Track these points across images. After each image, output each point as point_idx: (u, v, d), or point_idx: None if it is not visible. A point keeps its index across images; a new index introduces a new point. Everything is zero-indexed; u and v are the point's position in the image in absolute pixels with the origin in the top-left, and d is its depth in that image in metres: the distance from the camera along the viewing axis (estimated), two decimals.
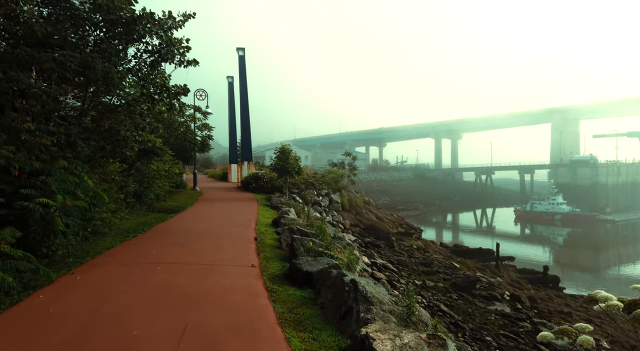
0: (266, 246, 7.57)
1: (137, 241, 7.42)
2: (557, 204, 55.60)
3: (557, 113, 77.08)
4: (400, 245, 19.78)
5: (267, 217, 11.73)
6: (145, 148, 9.74)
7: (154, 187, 13.46)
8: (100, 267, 5.37)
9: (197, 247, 6.98)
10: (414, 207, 67.20)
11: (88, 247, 6.52)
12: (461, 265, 17.91)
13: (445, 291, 12.02)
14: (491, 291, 12.59)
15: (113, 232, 8.15)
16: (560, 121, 75.54)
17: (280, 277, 5.39)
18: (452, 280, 13.43)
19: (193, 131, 19.39)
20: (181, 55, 7.62)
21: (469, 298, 11.51)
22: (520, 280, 18.13)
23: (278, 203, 15.08)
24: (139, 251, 6.49)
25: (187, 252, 6.51)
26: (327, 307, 4.09)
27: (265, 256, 6.63)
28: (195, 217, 11.39)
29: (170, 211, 12.84)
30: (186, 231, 8.62)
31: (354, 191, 25.51)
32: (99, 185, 6.11)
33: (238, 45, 30.03)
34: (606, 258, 37.91)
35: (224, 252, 6.63)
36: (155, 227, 9.18)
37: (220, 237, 8.07)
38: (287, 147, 17.67)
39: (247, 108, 23.80)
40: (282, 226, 9.74)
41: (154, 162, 12.96)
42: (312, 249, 6.04)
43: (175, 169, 18.45)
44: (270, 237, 8.62)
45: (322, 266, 5.13)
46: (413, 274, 13.67)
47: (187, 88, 7.44)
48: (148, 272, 5.18)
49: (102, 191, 6.24)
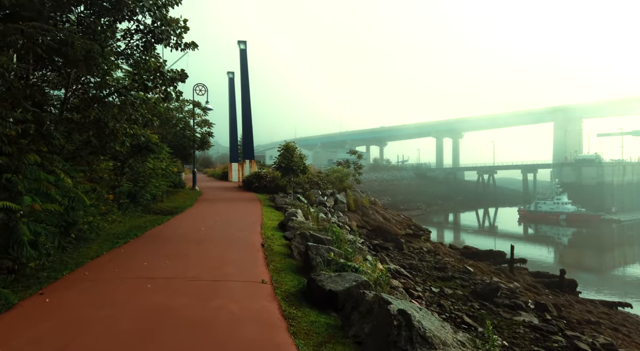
0: (275, 254, 6.63)
1: (127, 249, 6.47)
2: (562, 204, 54.74)
3: (560, 111, 76.21)
4: (409, 248, 18.86)
5: (273, 220, 10.79)
6: (139, 144, 8.78)
7: (150, 187, 12.50)
8: (77, 285, 4.41)
9: (197, 256, 6.03)
10: (416, 206, 66.35)
11: (68, 258, 5.56)
12: (475, 268, 17.00)
13: (465, 299, 11.10)
14: (514, 299, 11.67)
15: (101, 238, 7.20)
16: (563, 120, 74.67)
17: (296, 296, 4.45)
18: (470, 286, 12.53)
19: (192, 127, 18.43)
20: (178, 36, 6.66)
21: (492, 308, 10.59)
22: (536, 285, 17.23)
23: (283, 204, 14.16)
24: (127, 262, 5.54)
25: (184, 263, 5.56)
26: (367, 344, 3.14)
27: (276, 267, 5.69)
28: (195, 219, 10.44)
29: (167, 212, 11.89)
30: (184, 236, 7.67)
31: (359, 191, 24.58)
32: (81, 184, 5.17)
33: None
34: (612, 259, 37.23)
35: (228, 262, 5.68)
36: (149, 231, 8.23)
37: (223, 243, 7.12)
38: (292, 144, 16.71)
39: (248, 103, 22.82)
40: (291, 230, 8.81)
41: (150, 159, 12.01)
42: (333, 260, 5.09)
43: (174, 167, 17.49)
44: (279, 243, 7.68)
45: (349, 284, 4.19)
46: (428, 280, 12.75)
47: (184, 73, 6.48)
48: (136, 292, 4.23)
49: (84, 192, 5.28)
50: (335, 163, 24.11)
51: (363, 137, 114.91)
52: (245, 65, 23.37)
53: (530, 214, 56.07)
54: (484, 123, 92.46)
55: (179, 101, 18.78)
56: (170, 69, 6.47)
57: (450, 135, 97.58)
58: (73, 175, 6.38)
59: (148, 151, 9.23)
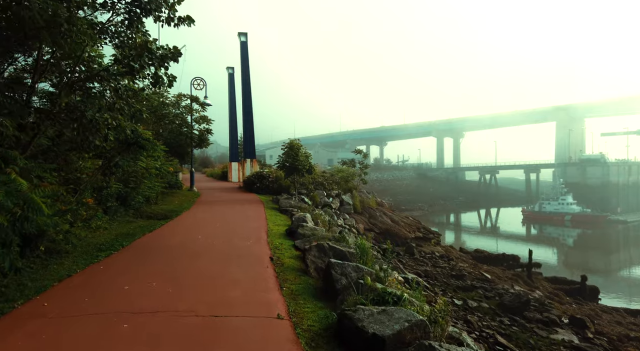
0: (287, 270, 5.50)
1: (107, 265, 5.32)
2: (567, 204, 53.77)
3: (562, 111, 75.21)
4: (420, 252, 17.76)
5: (279, 225, 9.66)
6: (127, 140, 7.61)
7: (143, 188, 11.35)
8: (23, 326, 3.24)
9: (192, 276, 4.88)
10: (418, 207, 65.46)
11: (29, 279, 4.41)
12: (491, 274, 15.93)
13: (493, 313, 9.99)
14: (545, 312, 10.57)
15: (79, 250, 6.05)
16: (565, 119, 73.69)
17: (324, 337, 3.32)
18: (495, 297, 11.42)
19: (190, 124, 17.24)
20: (170, 7, 5.50)
21: (524, 324, 9.49)
22: (558, 293, 16.15)
23: (288, 206, 13.02)
24: (103, 285, 4.39)
25: (176, 286, 4.41)
26: None
27: (291, 290, 4.56)
28: (191, 225, 9.29)
29: (161, 217, 10.74)
30: (177, 247, 6.52)
31: (365, 191, 23.44)
32: (40, 187, 4.02)
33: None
34: (618, 260, 36.45)
35: (230, 285, 4.54)
36: (138, 241, 7.07)
37: (224, 256, 5.98)
38: (297, 141, 15.56)
39: (249, 98, 21.57)
40: (301, 238, 7.69)
41: (142, 158, 10.85)
42: (367, 286, 3.96)
43: (170, 167, 16.31)
44: (289, 254, 6.55)
45: (399, 325, 3.05)
46: (448, 290, 11.64)
47: (178, 50, 5.32)
48: (105, 338, 3.08)
49: (46, 196, 4.11)
50: (340, 163, 22.94)
51: (363, 137, 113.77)
52: (246, 58, 22.14)
53: (535, 215, 55.11)
54: (485, 123, 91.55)
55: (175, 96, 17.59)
56: (161, 45, 5.32)
57: (451, 134, 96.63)
58: (42, 176, 5.23)
59: (138, 148, 8.06)
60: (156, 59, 5.11)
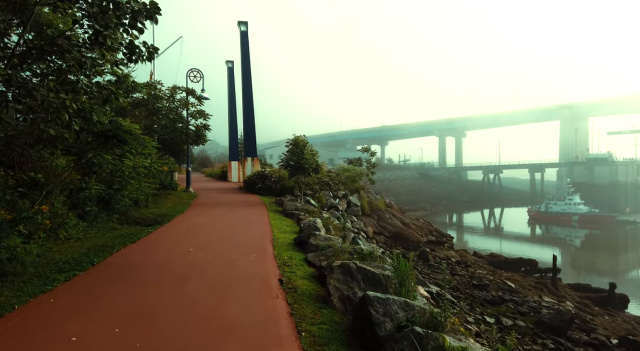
0: (303, 299, 4.15)
1: (59, 297, 3.95)
2: (574, 204, 52.48)
3: (566, 109, 73.92)
4: (434, 258, 16.41)
5: (285, 231, 8.31)
6: (103, 132, 6.25)
7: (129, 190, 9.97)
8: None
9: (174, 314, 3.52)
10: (421, 207, 64.12)
11: None
12: (514, 283, 14.60)
13: (532, 334, 8.67)
14: (590, 332, 9.25)
15: (32, 271, 4.69)
16: (569, 118, 72.38)
17: None
18: (529, 313, 10.08)
19: (185, 119, 15.87)
20: None
21: (571, 347, 8.16)
22: (587, 302, 14.82)
23: (293, 209, 11.69)
24: (43, 333, 3.03)
25: (149, 334, 3.06)
26: None
27: (313, 336, 3.22)
28: (183, 232, 7.93)
29: (150, 222, 9.40)
30: (161, 266, 5.16)
31: (373, 192, 22.08)
32: None
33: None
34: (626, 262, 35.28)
35: (227, 330, 3.19)
36: (113, 256, 5.71)
37: (220, 280, 4.62)
38: (302, 138, 14.21)
39: (250, 91, 20.15)
40: (314, 250, 6.35)
41: (129, 155, 9.49)
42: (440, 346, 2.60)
43: (164, 166, 14.93)
44: (302, 273, 5.20)
45: None
46: (475, 304, 10.30)
47: (156, 5, 3.96)
48: None
49: None
50: (346, 161, 21.56)
51: (364, 136, 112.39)
52: (247, 49, 20.74)
53: (541, 215, 53.80)
54: (488, 122, 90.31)
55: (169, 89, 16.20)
56: None
57: (453, 134, 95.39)
58: None
59: (118, 142, 6.69)
60: (125, 13, 3.76)
